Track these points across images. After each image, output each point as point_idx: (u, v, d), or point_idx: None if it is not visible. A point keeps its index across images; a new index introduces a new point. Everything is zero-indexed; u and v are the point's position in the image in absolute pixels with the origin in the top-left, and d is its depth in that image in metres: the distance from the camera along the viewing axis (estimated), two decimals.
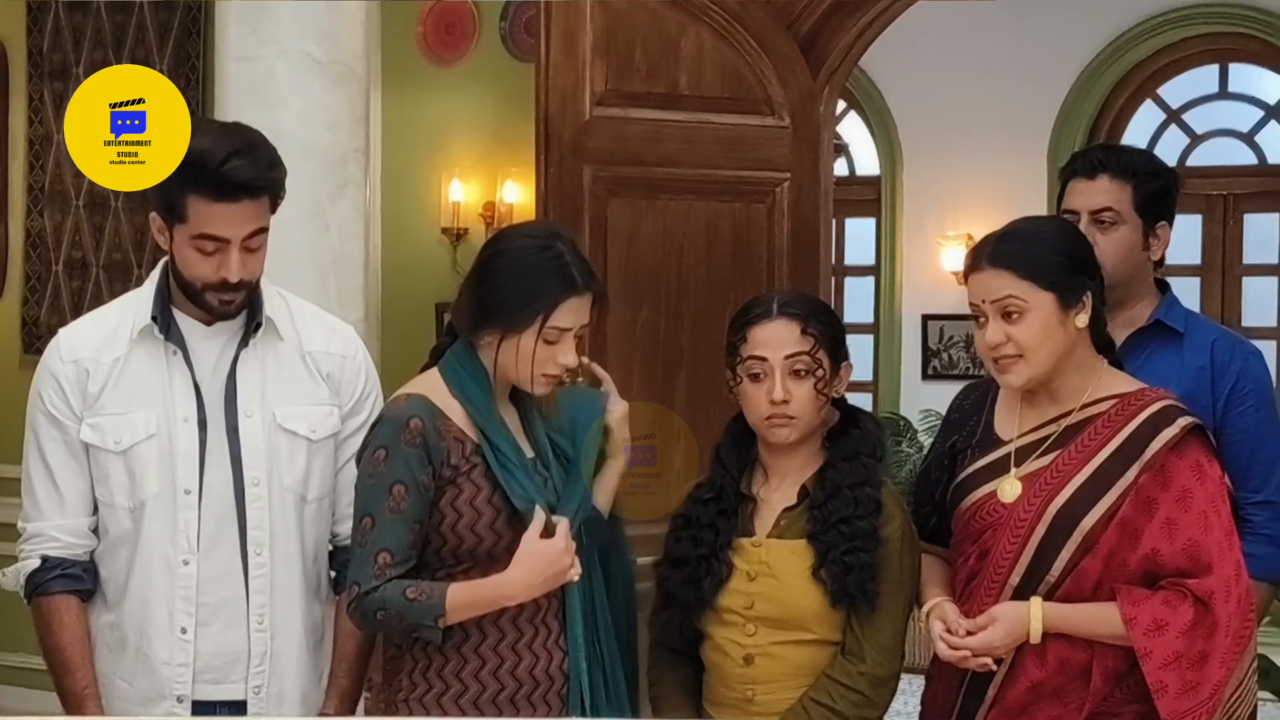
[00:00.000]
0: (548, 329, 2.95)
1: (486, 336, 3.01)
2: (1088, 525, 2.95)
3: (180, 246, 2.97)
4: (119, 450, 3.01)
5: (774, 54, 4.61)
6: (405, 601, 2.90)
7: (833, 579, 3.05)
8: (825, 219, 4.74)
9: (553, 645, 3.02)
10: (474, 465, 2.98)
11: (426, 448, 2.94)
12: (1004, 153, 9.17)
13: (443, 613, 2.90)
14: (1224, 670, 2.88)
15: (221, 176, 2.89)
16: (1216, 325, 3.83)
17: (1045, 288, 2.98)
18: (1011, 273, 2.99)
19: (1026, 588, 2.99)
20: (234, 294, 2.99)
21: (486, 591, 2.93)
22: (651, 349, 4.39)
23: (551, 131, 4.40)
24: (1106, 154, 3.59)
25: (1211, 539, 2.91)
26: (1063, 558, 2.96)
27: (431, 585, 2.92)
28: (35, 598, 3.07)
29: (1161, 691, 2.86)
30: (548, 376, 3.00)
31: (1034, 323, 2.98)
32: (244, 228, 2.94)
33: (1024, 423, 3.08)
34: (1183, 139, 9.25)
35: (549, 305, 2.95)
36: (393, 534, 2.92)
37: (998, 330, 3.00)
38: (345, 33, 4.19)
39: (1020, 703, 3.00)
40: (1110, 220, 3.48)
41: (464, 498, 2.96)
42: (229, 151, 2.91)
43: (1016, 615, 2.97)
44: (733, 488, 3.18)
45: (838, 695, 3.05)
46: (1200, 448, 2.97)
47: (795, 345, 3.11)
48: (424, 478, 2.93)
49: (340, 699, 3.11)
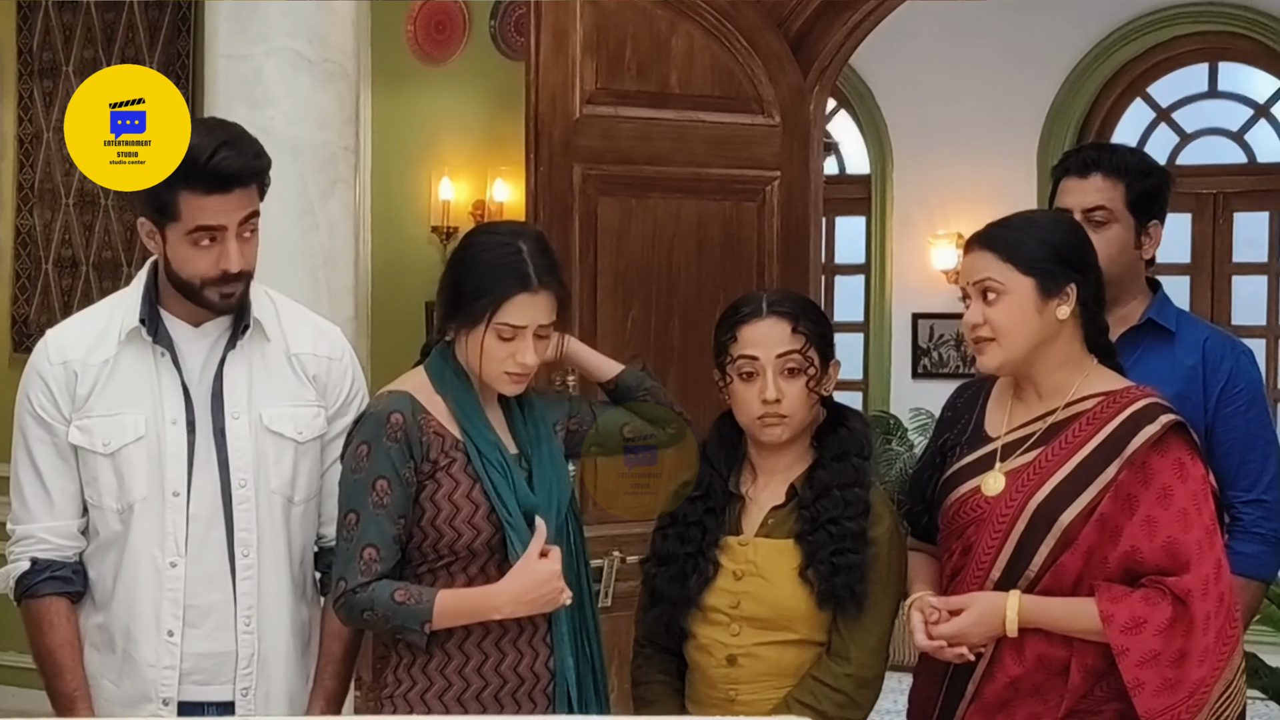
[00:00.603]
0: (499, 325, 2.95)
1: (450, 332, 3.03)
2: (1066, 521, 2.95)
3: (175, 246, 2.97)
4: (108, 452, 3.01)
5: (764, 52, 4.62)
6: (394, 604, 2.91)
7: (820, 579, 3.05)
8: (815, 217, 4.75)
9: (539, 643, 3.01)
10: (453, 460, 2.99)
11: (408, 442, 2.96)
12: (994, 151, 9.18)
13: (430, 619, 2.91)
14: (1204, 669, 2.87)
15: (213, 169, 2.90)
16: (1208, 324, 3.83)
17: (1025, 272, 2.99)
18: (994, 255, 3.01)
19: (1007, 583, 2.98)
20: (234, 285, 2.99)
21: (473, 601, 2.95)
22: (642, 347, 4.40)
23: (541, 130, 4.40)
24: (1099, 153, 3.59)
25: (1191, 537, 2.90)
26: (1041, 553, 2.96)
27: (421, 590, 2.93)
28: (25, 600, 3.06)
29: (1138, 689, 2.86)
30: (510, 375, 3.00)
31: (1010, 306, 2.99)
32: (237, 214, 2.95)
33: (1012, 419, 3.09)
34: (1172, 138, 9.26)
35: (497, 300, 2.95)
36: (377, 529, 2.93)
37: (977, 310, 3.02)
38: (335, 31, 4.19)
39: (999, 698, 3.00)
40: (1102, 219, 3.48)
41: (443, 492, 2.98)
42: (216, 144, 2.92)
43: (992, 605, 2.97)
44: (720, 486, 3.18)
45: (822, 696, 3.05)
46: (1183, 445, 2.97)
47: (786, 344, 3.11)
48: (406, 472, 2.95)
49: (326, 700, 3.10)
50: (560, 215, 4.32)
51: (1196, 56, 9.16)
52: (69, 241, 7.37)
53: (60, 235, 7.38)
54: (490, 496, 2.97)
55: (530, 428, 3.09)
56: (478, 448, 3.00)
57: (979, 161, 9.18)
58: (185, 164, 2.89)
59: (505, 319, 2.95)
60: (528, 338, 2.97)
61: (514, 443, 3.07)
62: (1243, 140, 9.18)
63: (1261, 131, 9.13)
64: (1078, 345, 3.06)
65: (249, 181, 2.97)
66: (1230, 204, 9.07)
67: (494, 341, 2.97)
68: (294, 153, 4.07)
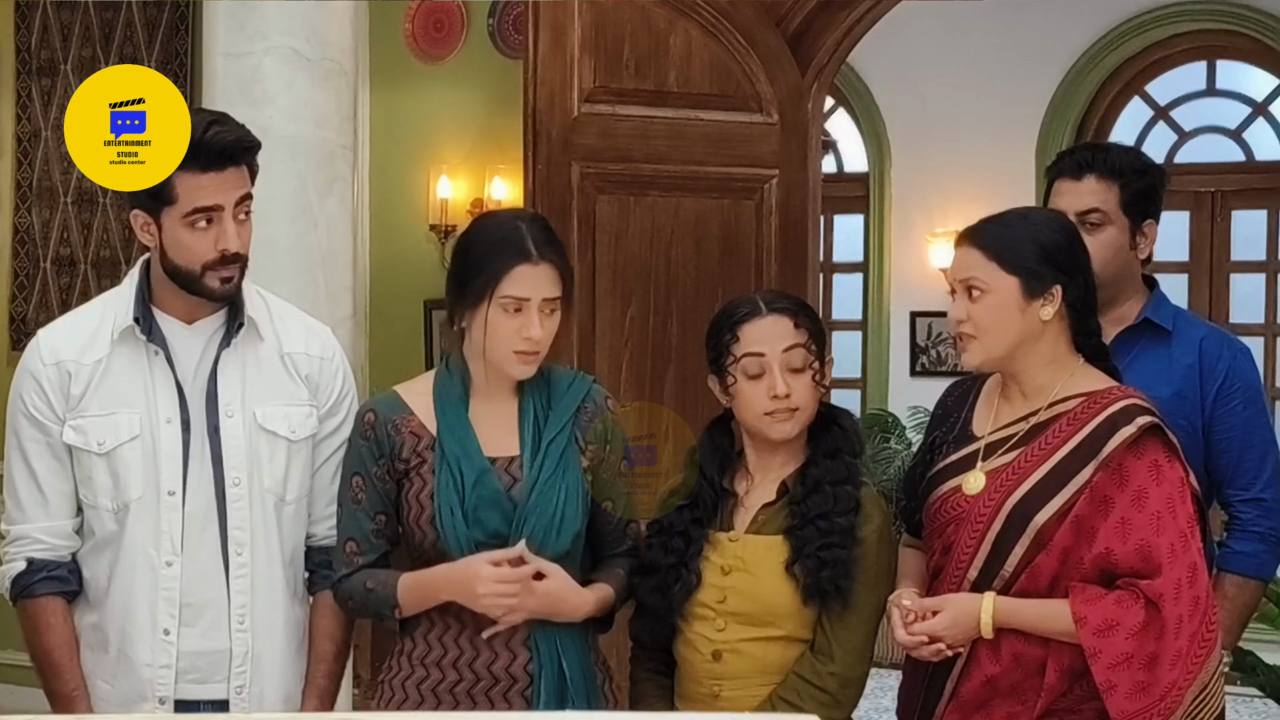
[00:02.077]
0: (503, 298, 2.96)
1: (461, 320, 3.04)
2: (1040, 521, 2.94)
3: (172, 231, 2.97)
4: (102, 452, 3.01)
5: (762, 51, 4.62)
6: (365, 591, 3.04)
7: (806, 574, 3.04)
8: (813, 215, 4.75)
9: (517, 645, 3.01)
10: (424, 460, 3.03)
11: (376, 440, 3.05)
12: (992, 150, 9.17)
13: (396, 603, 3.01)
14: (1176, 672, 2.85)
15: (207, 145, 2.92)
16: (1205, 322, 3.81)
17: (1010, 271, 2.98)
18: (981, 252, 3.01)
19: (983, 582, 2.98)
20: (233, 269, 3.00)
21: (422, 584, 3.02)
22: (640, 345, 4.40)
23: (540, 128, 4.40)
24: (1093, 154, 3.56)
25: (1164, 540, 2.88)
26: (1016, 554, 2.96)
27: (387, 575, 3.04)
28: (21, 600, 3.06)
29: (1110, 691, 2.86)
30: (519, 354, 3.00)
31: (992, 304, 2.99)
32: (233, 194, 2.97)
33: (997, 419, 3.09)
34: (1170, 136, 9.25)
35: (498, 274, 2.97)
36: (355, 524, 3.07)
37: (960, 306, 3.03)
38: (333, 29, 4.20)
39: (976, 698, 3.00)
40: (1097, 221, 3.47)
41: (413, 491, 3.04)
42: (207, 122, 2.95)
43: (965, 606, 2.97)
44: (710, 494, 3.17)
45: (805, 694, 3.04)
46: (1159, 447, 2.95)
47: (791, 338, 3.11)
48: (376, 469, 3.05)
49: (319, 698, 3.11)
50: (558, 213, 4.32)
51: (1194, 54, 9.15)
52: (67, 240, 7.37)
53: (58, 234, 7.38)
54: (435, 498, 3.00)
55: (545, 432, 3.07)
56: (443, 448, 3.02)
57: (977, 160, 9.18)
58: None
59: (508, 291, 2.97)
60: (533, 311, 2.98)
61: (516, 445, 3.07)
62: (1241, 138, 9.17)
63: (1259, 129, 9.13)
64: (1063, 345, 3.05)
65: (241, 159, 2.99)
66: (1228, 202, 9.07)
67: (499, 317, 2.98)
68: (292, 151, 4.07)
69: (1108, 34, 9.06)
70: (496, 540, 2.98)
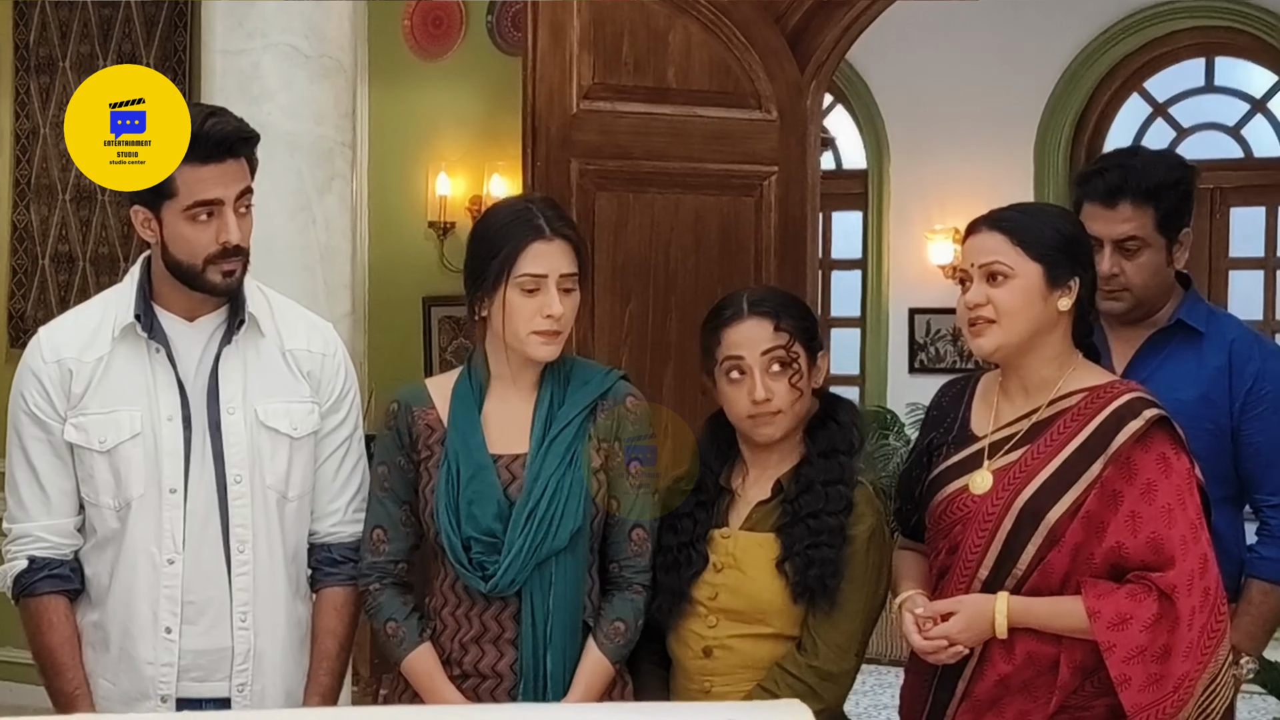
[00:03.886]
0: (521, 277, 2.97)
1: (481, 309, 3.04)
2: (1053, 519, 2.94)
3: (173, 225, 2.97)
4: (104, 450, 3.01)
5: (761, 48, 4.61)
6: (384, 630, 3.10)
7: (795, 572, 3.05)
8: (812, 212, 4.74)
9: (504, 644, 3.03)
10: (432, 454, 3.05)
11: (398, 430, 3.09)
12: (991, 146, 9.17)
13: (400, 665, 3.09)
14: (1188, 664, 2.86)
15: (206, 136, 2.93)
16: (1239, 324, 3.67)
17: (1035, 258, 2.98)
18: (1006, 237, 3.00)
19: (995, 581, 2.99)
20: (234, 262, 3.00)
21: (422, 683, 3.06)
22: (639, 342, 4.39)
23: (538, 125, 4.40)
24: (1124, 176, 3.41)
25: (1175, 532, 2.89)
26: (1029, 551, 2.96)
27: (408, 632, 3.07)
28: (23, 599, 3.06)
29: (1125, 684, 2.86)
30: (540, 335, 3.00)
31: (1016, 289, 2.98)
32: (233, 187, 2.97)
33: (999, 417, 3.09)
34: (1169, 132, 9.26)
35: (513, 253, 2.98)
36: (383, 511, 3.11)
37: (979, 291, 3.01)
38: (332, 26, 4.20)
39: (989, 696, 3.00)
40: (1135, 247, 3.39)
41: (426, 483, 3.07)
42: (205, 115, 2.97)
43: (980, 607, 2.97)
44: (712, 481, 3.19)
45: (783, 683, 3.06)
46: (1167, 440, 2.96)
47: (770, 341, 3.11)
48: (400, 459, 3.09)
49: (321, 696, 3.11)
50: None
51: (1193, 51, 9.16)
52: (66, 237, 7.36)
53: (57, 231, 7.38)
54: (434, 492, 3.03)
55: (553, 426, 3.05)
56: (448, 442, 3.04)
57: (976, 156, 9.18)
58: None
59: (525, 269, 2.98)
60: (551, 289, 2.98)
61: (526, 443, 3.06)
62: (1239, 135, 9.18)
63: (1258, 126, 9.13)
64: (1067, 341, 3.06)
65: (240, 150, 2.99)
66: (1227, 199, 9.06)
67: (517, 297, 2.98)
68: (291, 148, 4.07)
69: (1106, 30, 9.06)
70: (490, 538, 2.98)
